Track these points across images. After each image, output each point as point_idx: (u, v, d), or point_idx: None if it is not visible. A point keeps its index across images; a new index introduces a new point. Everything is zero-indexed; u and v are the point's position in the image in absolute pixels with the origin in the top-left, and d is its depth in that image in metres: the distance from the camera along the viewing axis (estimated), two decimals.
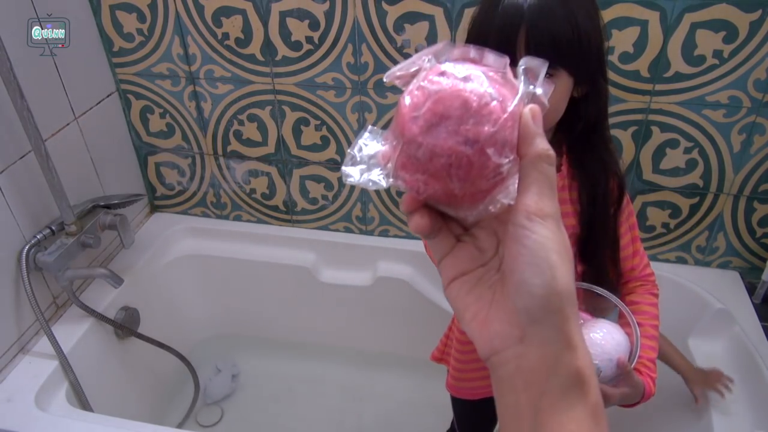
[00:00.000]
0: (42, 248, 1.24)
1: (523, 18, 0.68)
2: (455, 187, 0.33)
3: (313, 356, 1.78)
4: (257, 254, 1.64)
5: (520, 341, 0.33)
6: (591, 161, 0.83)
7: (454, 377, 1.07)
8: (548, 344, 0.33)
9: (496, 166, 0.32)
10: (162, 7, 1.35)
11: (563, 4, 0.70)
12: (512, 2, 0.69)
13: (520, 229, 0.32)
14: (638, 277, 0.93)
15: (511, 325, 0.34)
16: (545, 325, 0.32)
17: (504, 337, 0.34)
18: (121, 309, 1.45)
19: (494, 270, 0.36)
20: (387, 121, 1.40)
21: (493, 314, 0.35)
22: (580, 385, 0.33)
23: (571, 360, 0.33)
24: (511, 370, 0.34)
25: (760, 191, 1.32)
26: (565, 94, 0.75)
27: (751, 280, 1.41)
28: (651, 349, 0.86)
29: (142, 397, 1.54)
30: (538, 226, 0.32)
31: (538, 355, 0.33)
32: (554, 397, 0.33)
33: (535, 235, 0.32)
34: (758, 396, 1.17)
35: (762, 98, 1.19)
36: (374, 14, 1.26)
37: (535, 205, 0.32)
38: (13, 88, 1.09)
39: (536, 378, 0.33)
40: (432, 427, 1.49)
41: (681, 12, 1.13)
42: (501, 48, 0.67)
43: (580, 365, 0.33)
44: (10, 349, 1.23)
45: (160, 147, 1.59)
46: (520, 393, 0.33)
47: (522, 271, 0.32)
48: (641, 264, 0.93)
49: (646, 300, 0.91)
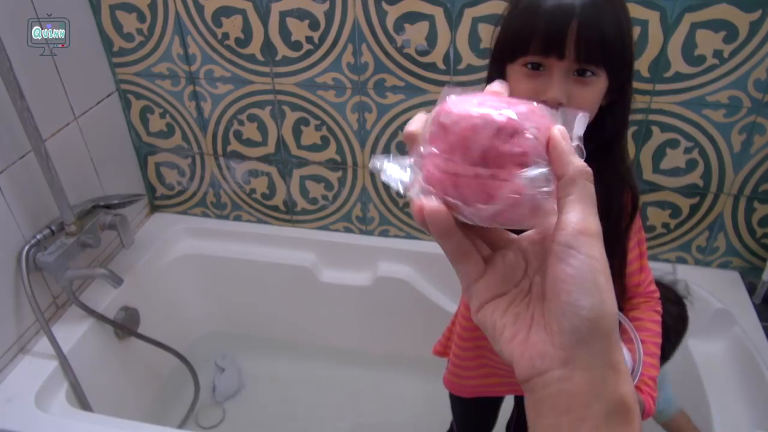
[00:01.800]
0: (42, 248, 1.24)
1: (574, 12, 0.67)
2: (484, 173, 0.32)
3: (313, 356, 1.77)
4: (257, 254, 1.64)
5: (565, 364, 0.32)
6: (608, 173, 0.80)
7: (452, 373, 1.07)
8: (594, 368, 0.32)
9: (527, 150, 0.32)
10: (162, 7, 1.35)
11: (611, 5, 0.69)
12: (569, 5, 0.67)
13: (565, 248, 0.31)
14: (642, 294, 0.92)
15: (554, 346, 0.32)
16: (593, 348, 0.31)
17: (547, 358, 0.32)
18: (121, 309, 1.45)
19: (526, 289, 0.36)
20: (387, 121, 1.40)
21: (534, 335, 0.34)
22: (624, 413, 0.32)
23: (616, 386, 0.32)
24: (553, 393, 0.32)
25: (760, 191, 1.32)
26: (600, 98, 0.73)
27: (751, 280, 1.41)
28: (652, 366, 0.85)
29: (142, 397, 1.54)
30: (585, 246, 0.31)
31: (584, 379, 0.32)
32: (597, 423, 0.32)
33: (582, 256, 0.31)
34: (758, 396, 1.17)
35: (762, 98, 1.19)
36: (374, 14, 1.26)
37: (580, 223, 0.31)
38: (13, 88, 1.09)
39: (579, 402, 0.32)
40: (432, 427, 1.49)
41: (681, 12, 1.13)
42: (550, 40, 0.67)
43: (625, 392, 0.32)
44: (10, 349, 1.23)
45: (160, 147, 1.59)
46: (561, 416, 0.32)
47: (569, 293, 0.31)
48: (646, 281, 0.92)
49: (649, 317, 0.90)
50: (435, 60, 1.28)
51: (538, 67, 0.70)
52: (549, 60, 0.69)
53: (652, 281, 0.93)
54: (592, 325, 0.31)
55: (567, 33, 0.67)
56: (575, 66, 0.69)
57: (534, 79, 0.71)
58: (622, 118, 0.79)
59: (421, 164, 0.34)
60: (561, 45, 0.67)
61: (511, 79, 0.74)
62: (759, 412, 1.15)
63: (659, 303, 0.93)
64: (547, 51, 0.68)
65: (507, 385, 1.06)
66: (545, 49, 0.68)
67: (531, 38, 0.69)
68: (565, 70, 0.69)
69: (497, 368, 1.02)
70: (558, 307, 0.32)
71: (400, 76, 1.32)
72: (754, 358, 1.21)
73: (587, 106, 0.72)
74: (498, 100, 0.34)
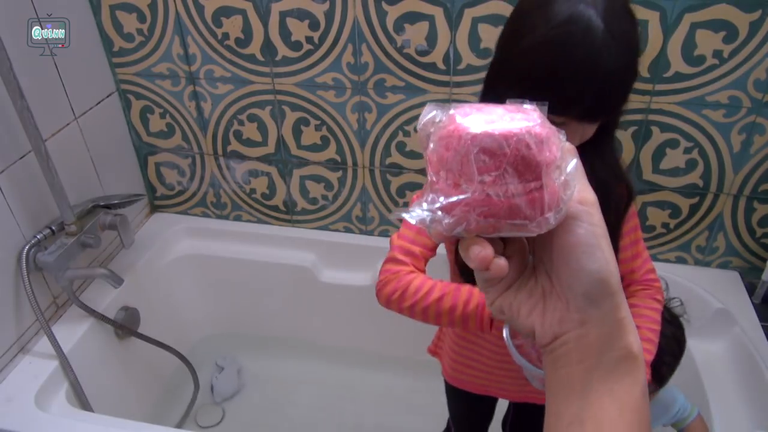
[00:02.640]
0: (42, 248, 1.24)
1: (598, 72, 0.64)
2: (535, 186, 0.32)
3: (313, 356, 1.77)
4: (257, 254, 1.64)
5: (581, 324, 0.35)
6: (601, 166, 0.79)
7: (452, 368, 1.08)
8: (605, 324, 0.35)
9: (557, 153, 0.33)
10: (162, 7, 1.35)
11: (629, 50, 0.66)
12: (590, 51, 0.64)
13: (569, 219, 0.34)
14: (639, 281, 0.92)
15: (570, 310, 0.35)
16: (604, 306, 0.35)
17: (565, 322, 0.36)
18: (121, 309, 1.45)
19: (532, 267, 0.38)
20: (387, 121, 1.40)
21: (551, 304, 0.36)
22: (631, 360, 0.36)
23: (624, 336, 0.35)
24: (570, 348, 0.36)
25: (760, 191, 1.32)
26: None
27: (751, 280, 1.41)
28: (646, 351, 0.85)
29: (142, 397, 1.54)
30: (586, 215, 0.34)
31: (596, 334, 0.35)
32: (607, 369, 0.35)
33: (584, 224, 0.34)
34: (758, 396, 1.17)
35: (762, 98, 1.19)
36: (374, 14, 1.26)
37: (579, 194, 0.34)
38: (13, 88, 1.09)
39: (591, 353, 0.35)
40: (431, 427, 1.49)
41: (681, 12, 1.13)
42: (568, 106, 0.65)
43: (629, 342, 0.36)
44: (10, 349, 1.23)
45: (160, 147, 1.59)
46: (574, 366, 0.36)
47: (578, 260, 0.34)
48: (643, 268, 0.92)
49: (646, 304, 0.90)
50: (435, 60, 1.28)
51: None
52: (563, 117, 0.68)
53: (652, 270, 0.93)
54: (602, 285, 0.34)
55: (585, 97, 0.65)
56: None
57: None
58: (616, 120, 0.80)
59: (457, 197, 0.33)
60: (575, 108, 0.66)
61: None
62: (759, 412, 1.15)
63: (660, 292, 0.92)
64: (564, 113, 0.67)
65: (503, 390, 1.06)
66: (563, 112, 0.67)
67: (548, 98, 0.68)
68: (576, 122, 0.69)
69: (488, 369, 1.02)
70: (569, 274, 0.35)
71: (400, 76, 1.32)
72: (753, 358, 1.21)
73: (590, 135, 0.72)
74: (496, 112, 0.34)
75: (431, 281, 0.83)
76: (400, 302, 0.83)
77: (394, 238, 0.88)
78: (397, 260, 0.85)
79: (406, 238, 0.87)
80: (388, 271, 0.85)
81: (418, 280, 0.83)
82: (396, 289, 0.83)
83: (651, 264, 0.94)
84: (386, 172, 1.49)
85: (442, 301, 0.81)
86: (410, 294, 0.82)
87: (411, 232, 0.87)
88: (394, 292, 0.83)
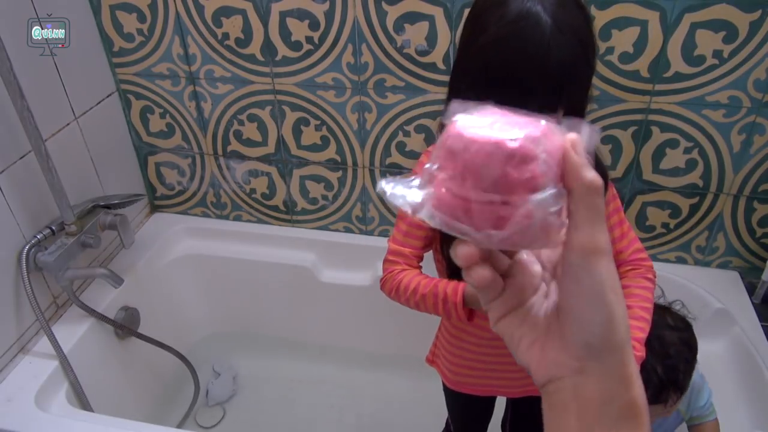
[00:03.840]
0: (42, 248, 1.24)
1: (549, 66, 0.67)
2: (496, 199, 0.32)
3: (313, 356, 1.77)
4: (257, 254, 1.64)
5: (578, 372, 0.34)
6: None
7: (453, 372, 1.08)
8: (607, 379, 0.33)
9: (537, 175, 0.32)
10: (162, 7, 1.35)
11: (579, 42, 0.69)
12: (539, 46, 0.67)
13: (575, 268, 0.32)
14: (628, 261, 0.92)
15: (569, 356, 0.34)
16: (607, 360, 0.33)
17: (562, 366, 0.34)
18: (121, 309, 1.45)
19: (542, 297, 0.36)
20: (387, 121, 1.40)
21: (551, 343, 0.35)
22: (634, 416, 0.33)
23: (627, 392, 0.33)
24: (567, 398, 0.34)
25: (760, 191, 1.32)
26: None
27: (751, 280, 1.41)
28: (639, 329, 0.85)
29: (142, 397, 1.54)
30: (594, 265, 0.32)
31: (596, 388, 0.33)
32: (608, 426, 0.33)
33: (590, 275, 0.32)
34: (758, 396, 1.17)
35: (762, 98, 1.19)
36: (374, 14, 1.26)
37: (589, 241, 0.32)
38: (13, 88, 1.09)
39: (591, 408, 0.33)
40: (431, 427, 1.49)
41: (681, 12, 1.13)
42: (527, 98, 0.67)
43: (635, 396, 0.33)
44: (10, 349, 1.23)
45: (160, 147, 1.59)
46: (572, 418, 0.34)
47: (580, 310, 0.33)
48: (630, 248, 0.92)
49: (637, 283, 0.90)
50: (435, 60, 1.28)
51: None
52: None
53: (641, 249, 0.93)
54: (603, 340, 0.32)
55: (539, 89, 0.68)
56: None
57: None
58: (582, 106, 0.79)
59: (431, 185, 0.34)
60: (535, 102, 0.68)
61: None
62: (759, 412, 1.15)
63: (651, 270, 0.93)
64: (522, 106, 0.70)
65: (507, 387, 1.06)
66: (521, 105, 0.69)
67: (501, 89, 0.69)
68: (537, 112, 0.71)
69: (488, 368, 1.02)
70: (571, 322, 0.33)
71: (400, 76, 1.32)
72: (753, 358, 1.21)
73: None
74: (509, 120, 0.34)
75: (416, 279, 0.90)
76: (397, 299, 0.93)
77: (389, 239, 0.95)
78: (389, 261, 0.94)
79: (396, 240, 0.93)
80: (386, 271, 0.94)
81: (407, 278, 0.90)
82: (392, 288, 0.92)
83: (639, 244, 0.94)
84: (386, 172, 1.49)
85: (426, 300, 0.88)
86: (401, 293, 0.91)
87: (400, 235, 0.93)
88: (391, 291, 0.93)
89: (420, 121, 1.38)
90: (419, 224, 0.89)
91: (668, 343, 0.99)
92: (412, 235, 0.91)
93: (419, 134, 1.40)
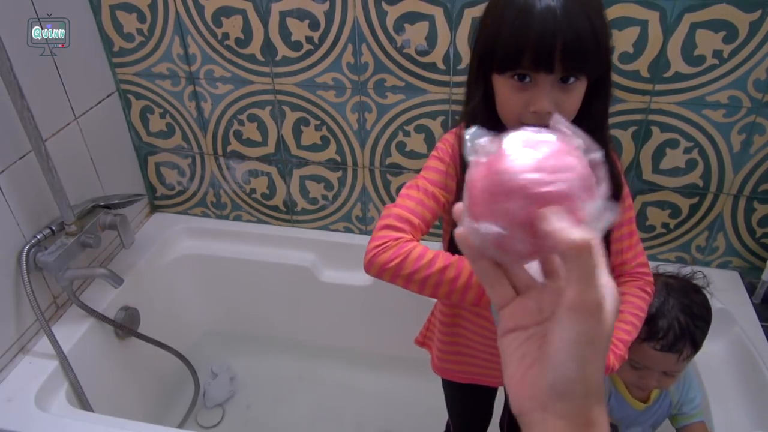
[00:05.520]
0: (42, 248, 1.24)
1: (559, 28, 0.70)
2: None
3: (313, 356, 1.77)
4: (257, 254, 1.64)
5: (543, 409, 0.35)
6: None
7: (439, 358, 1.08)
8: (567, 419, 0.35)
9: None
10: (162, 7, 1.35)
11: (584, 11, 0.71)
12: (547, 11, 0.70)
13: (560, 321, 0.34)
14: (629, 273, 0.93)
15: (540, 391, 0.36)
16: (569, 404, 0.35)
17: (532, 400, 0.36)
18: (121, 309, 1.45)
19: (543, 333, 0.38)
20: (387, 121, 1.40)
21: (528, 378, 0.37)
22: None
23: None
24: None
25: (760, 191, 1.32)
26: (581, 98, 0.77)
27: (751, 280, 1.41)
28: (625, 332, 0.86)
29: (142, 397, 1.54)
30: (577, 323, 0.33)
31: (558, 427, 0.35)
32: None
33: (570, 331, 0.34)
34: (758, 396, 1.17)
35: (762, 98, 1.19)
36: (374, 14, 1.26)
37: (575, 301, 0.33)
38: (13, 88, 1.09)
39: None
40: (431, 427, 1.49)
41: (681, 12, 1.13)
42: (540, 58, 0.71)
43: None
44: (10, 349, 1.23)
45: (160, 147, 1.59)
46: None
47: (554, 357, 0.34)
48: (634, 261, 0.93)
49: (633, 292, 0.91)
50: (435, 60, 1.28)
51: (525, 77, 0.74)
52: (537, 74, 0.73)
53: (645, 264, 0.94)
54: (568, 387, 0.34)
55: (555, 50, 0.71)
56: (560, 75, 0.73)
57: (523, 92, 0.75)
58: (603, 104, 0.81)
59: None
60: (550, 62, 0.71)
61: (498, 87, 0.78)
62: (759, 412, 1.15)
63: (650, 284, 0.93)
64: (537, 66, 0.72)
65: (492, 377, 1.06)
66: (536, 66, 0.72)
67: (521, 55, 0.72)
68: (551, 81, 0.74)
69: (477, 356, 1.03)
70: (547, 362, 0.35)
71: (400, 76, 1.32)
72: (754, 358, 1.21)
73: (572, 110, 0.76)
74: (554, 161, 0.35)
75: (433, 251, 0.79)
76: (397, 270, 0.78)
77: (389, 206, 0.83)
78: (395, 227, 0.80)
79: (405, 207, 0.82)
80: (387, 237, 0.79)
81: (420, 248, 0.78)
82: (396, 256, 0.77)
83: (644, 258, 0.94)
84: (386, 172, 1.49)
85: (446, 271, 0.77)
86: (410, 262, 0.77)
87: (412, 202, 0.83)
88: (393, 259, 0.77)
89: (420, 121, 1.38)
90: (435, 195, 0.84)
91: (693, 301, 1.02)
92: (425, 205, 0.83)
93: (419, 134, 1.40)
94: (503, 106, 0.78)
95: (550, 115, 0.72)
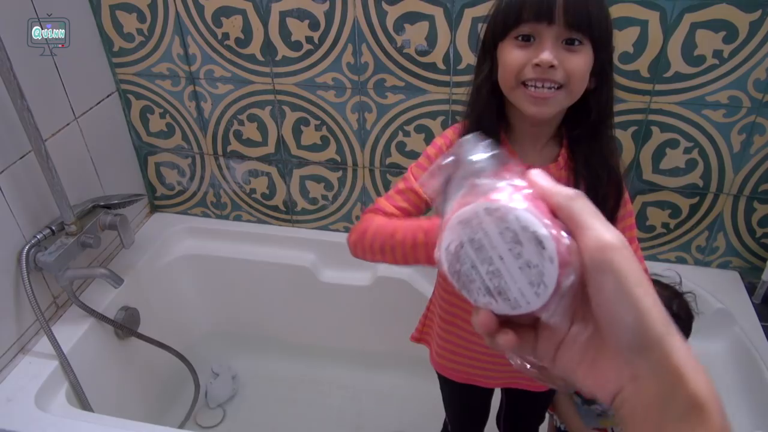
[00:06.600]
0: (42, 248, 1.24)
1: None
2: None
3: (313, 356, 1.77)
4: (257, 254, 1.64)
5: (634, 379, 0.33)
6: (593, 157, 0.82)
7: (438, 354, 1.08)
8: (659, 374, 0.32)
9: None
10: (162, 7, 1.35)
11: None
12: None
13: (593, 273, 0.32)
14: None
15: (619, 366, 0.33)
16: (650, 358, 0.32)
17: (617, 379, 0.34)
18: (121, 309, 1.45)
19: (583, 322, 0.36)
20: (387, 121, 1.40)
21: (601, 362, 0.35)
22: (698, 410, 0.32)
23: (685, 385, 0.32)
24: (632, 408, 0.34)
25: (760, 191, 1.32)
26: (588, 68, 0.75)
27: (751, 280, 1.41)
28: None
29: (142, 397, 1.54)
30: (608, 263, 0.32)
31: (653, 388, 0.32)
32: (674, 428, 0.32)
33: (611, 275, 0.31)
34: (758, 396, 1.17)
35: (762, 98, 1.19)
36: (374, 14, 1.26)
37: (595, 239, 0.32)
38: (13, 88, 1.09)
39: (654, 410, 0.33)
40: (431, 427, 1.49)
41: (681, 12, 1.13)
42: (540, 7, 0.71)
43: (694, 390, 0.32)
44: (10, 349, 1.23)
45: (160, 147, 1.59)
46: (641, 425, 0.33)
47: (611, 315, 0.32)
48: None
49: None
50: (435, 60, 1.28)
51: (529, 38, 0.74)
52: (539, 27, 0.73)
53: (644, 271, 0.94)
54: (639, 336, 0.32)
55: (555, 4, 0.71)
56: (564, 34, 0.73)
57: (525, 49, 0.74)
58: (606, 100, 0.80)
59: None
60: (551, 11, 0.71)
61: (502, 55, 0.77)
62: (759, 412, 1.15)
63: None
64: (538, 17, 0.72)
65: (488, 378, 1.06)
66: (537, 15, 0.72)
67: (522, 9, 0.73)
68: (555, 37, 0.73)
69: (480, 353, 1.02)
70: (606, 328, 0.33)
71: (400, 76, 1.32)
72: (754, 358, 1.21)
73: (576, 71, 0.74)
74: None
75: (391, 221, 0.83)
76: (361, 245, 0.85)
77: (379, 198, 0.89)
78: (375, 209, 0.87)
79: (386, 196, 0.88)
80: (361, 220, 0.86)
81: (378, 220, 0.83)
82: (358, 232, 0.85)
83: (644, 266, 0.93)
84: (386, 172, 1.49)
85: (396, 234, 0.80)
86: (369, 235, 0.83)
87: (392, 191, 0.88)
88: (356, 236, 0.85)
89: (420, 121, 1.38)
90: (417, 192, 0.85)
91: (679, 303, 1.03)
92: (405, 196, 0.87)
93: (419, 134, 1.40)
94: (504, 67, 0.77)
95: (554, 71, 0.72)
